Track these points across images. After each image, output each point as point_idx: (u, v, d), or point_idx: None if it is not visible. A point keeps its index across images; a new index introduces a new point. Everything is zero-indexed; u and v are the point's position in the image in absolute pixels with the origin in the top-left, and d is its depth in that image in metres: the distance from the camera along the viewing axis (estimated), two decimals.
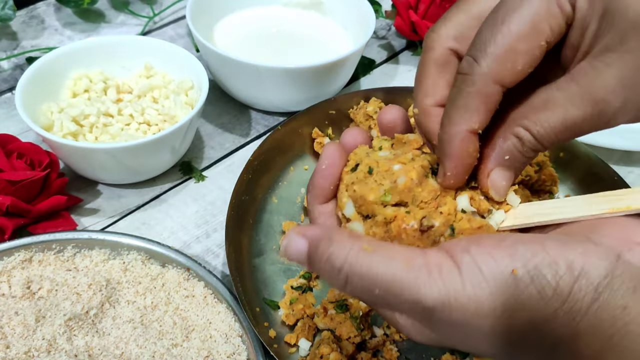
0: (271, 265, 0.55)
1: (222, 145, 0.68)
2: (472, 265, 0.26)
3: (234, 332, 0.47)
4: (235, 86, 0.68)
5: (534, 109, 0.30)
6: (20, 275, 0.48)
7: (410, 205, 0.30)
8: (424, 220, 0.30)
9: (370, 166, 0.32)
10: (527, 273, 0.25)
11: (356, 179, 0.31)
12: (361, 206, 0.31)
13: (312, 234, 0.29)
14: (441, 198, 0.31)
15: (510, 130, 0.30)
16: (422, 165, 0.31)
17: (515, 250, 0.26)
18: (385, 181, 0.31)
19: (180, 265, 0.50)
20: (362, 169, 0.32)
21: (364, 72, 0.79)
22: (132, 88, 0.65)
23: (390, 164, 0.31)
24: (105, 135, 0.58)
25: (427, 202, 0.30)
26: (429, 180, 0.31)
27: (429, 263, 0.27)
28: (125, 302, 0.48)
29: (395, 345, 0.50)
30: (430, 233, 0.30)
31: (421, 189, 0.30)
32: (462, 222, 0.30)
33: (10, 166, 0.53)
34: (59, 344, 0.44)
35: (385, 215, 0.30)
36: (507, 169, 0.31)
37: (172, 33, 0.83)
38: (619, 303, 0.25)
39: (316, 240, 0.28)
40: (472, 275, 0.26)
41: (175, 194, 0.62)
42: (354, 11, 0.74)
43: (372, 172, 0.31)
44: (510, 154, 0.31)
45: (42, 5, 0.83)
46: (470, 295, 0.26)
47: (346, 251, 0.27)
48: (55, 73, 0.62)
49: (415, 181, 0.30)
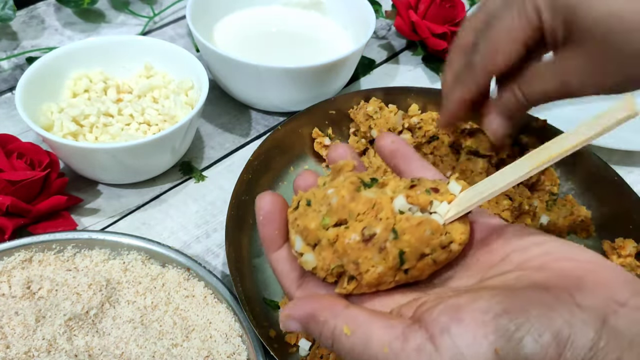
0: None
1: (222, 145, 0.68)
2: (453, 349, 0.26)
3: (234, 332, 0.47)
4: (235, 86, 0.68)
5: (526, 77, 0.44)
6: (20, 275, 0.48)
7: (350, 221, 0.31)
8: (364, 231, 0.30)
9: (307, 199, 0.33)
10: (511, 350, 0.25)
11: (298, 214, 0.33)
12: (307, 237, 0.32)
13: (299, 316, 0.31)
14: (378, 206, 0.31)
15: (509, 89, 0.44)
16: (352, 182, 0.32)
17: (497, 325, 0.25)
18: (322, 207, 0.32)
19: (180, 265, 0.50)
20: (302, 204, 0.33)
21: (364, 72, 0.79)
22: (132, 88, 0.65)
23: (325, 191, 0.32)
24: (105, 135, 0.58)
25: (365, 213, 0.31)
26: (361, 193, 0.32)
27: (407, 348, 0.27)
28: (125, 302, 0.48)
29: None
30: (374, 241, 0.30)
31: (355, 203, 0.31)
32: (402, 222, 0.30)
33: (10, 166, 0.53)
34: (59, 344, 0.44)
35: (328, 237, 0.31)
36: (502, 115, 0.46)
37: (172, 33, 0.83)
38: None
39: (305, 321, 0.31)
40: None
41: (175, 194, 0.62)
42: (354, 11, 0.74)
43: (310, 203, 0.32)
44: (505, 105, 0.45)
45: (42, 5, 0.83)
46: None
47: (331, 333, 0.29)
48: (55, 73, 0.62)
49: (347, 197, 0.31)
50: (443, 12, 0.77)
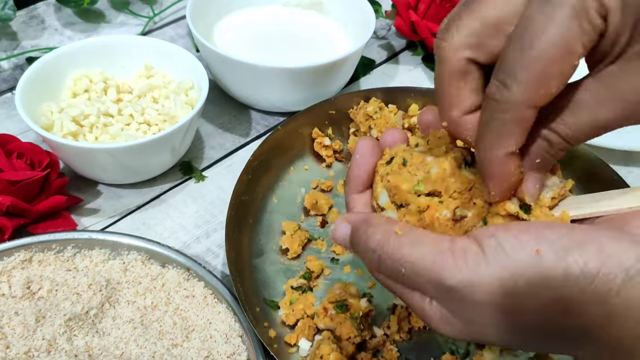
0: (271, 265, 0.55)
1: (222, 145, 0.68)
2: (496, 248, 0.27)
3: (234, 332, 0.47)
4: (235, 86, 0.68)
5: (562, 111, 0.30)
6: (20, 275, 0.48)
7: (444, 196, 0.31)
8: (457, 210, 0.30)
9: (404, 158, 0.33)
10: (552, 253, 0.26)
11: (390, 170, 0.33)
12: (395, 195, 0.32)
13: (354, 219, 0.32)
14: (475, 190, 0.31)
15: (538, 133, 0.30)
16: (455, 157, 0.32)
17: (541, 234, 0.27)
18: (418, 172, 0.32)
19: (180, 265, 0.50)
20: (396, 161, 0.33)
21: (364, 72, 0.79)
22: (132, 88, 0.65)
23: (424, 156, 0.32)
24: (105, 135, 0.58)
25: (461, 193, 0.31)
26: (462, 171, 0.32)
27: (455, 247, 0.28)
28: (125, 302, 0.48)
29: (395, 345, 0.50)
30: (462, 223, 0.30)
31: (454, 179, 0.31)
32: (495, 217, 0.31)
33: (10, 166, 0.53)
34: (59, 344, 0.44)
35: (419, 204, 0.31)
36: (538, 171, 0.32)
37: (172, 33, 0.83)
38: None
39: (357, 224, 0.31)
40: (496, 257, 0.27)
41: (175, 194, 0.62)
42: (354, 11, 0.74)
43: (406, 163, 0.32)
44: (540, 157, 0.31)
45: (42, 5, 0.83)
46: (493, 275, 0.26)
47: (380, 235, 0.30)
48: (55, 73, 0.62)
49: (448, 171, 0.31)
50: (443, 12, 0.77)
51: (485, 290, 0.27)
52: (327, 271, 0.55)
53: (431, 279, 0.28)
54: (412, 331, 0.51)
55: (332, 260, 0.56)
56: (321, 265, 0.54)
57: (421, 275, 0.28)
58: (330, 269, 0.55)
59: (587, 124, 0.29)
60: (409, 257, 0.29)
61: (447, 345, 0.50)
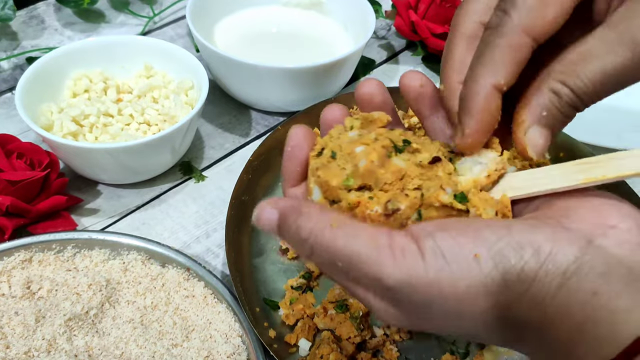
0: (271, 265, 0.55)
1: (222, 145, 0.68)
2: (435, 250, 0.26)
3: (234, 332, 0.47)
4: (235, 86, 0.68)
5: (570, 62, 0.28)
6: (20, 275, 0.48)
7: (374, 189, 0.30)
8: (388, 204, 0.29)
9: (333, 150, 0.31)
10: (490, 258, 0.25)
11: (320, 164, 0.31)
12: (326, 191, 0.30)
13: (283, 205, 0.29)
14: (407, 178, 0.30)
15: (546, 85, 0.29)
16: (384, 145, 0.30)
17: (479, 235, 0.26)
18: (347, 165, 0.30)
19: (180, 265, 0.50)
20: (326, 153, 0.31)
21: (364, 72, 0.79)
22: (132, 88, 0.65)
23: (353, 147, 0.31)
24: (105, 135, 0.58)
25: (392, 184, 0.30)
26: (392, 160, 0.30)
27: (393, 244, 0.27)
28: (125, 302, 0.48)
29: (395, 345, 0.50)
30: (396, 216, 0.29)
31: (384, 170, 0.30)
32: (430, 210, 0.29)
33: (10, 166, 0.53)
34: (59, 344, 0.44)
35: (349, 201, 0.30)
36: (545, 126, 0.29)
37: (172, 33, 0.83)
38: (588, 288, 0.24)
39: (286, 211, 0.29)
40: (435, 260, 0.26)
41: (175, 194, 0.62)
42: (354, 11, 0.74)
43: (335, 156, 0.31)
44: (547, 110, 0.29)
45: (42, 5, 0.83)
46: (431, 279, 0.26)
47: (312, 224, 0.28)
48: (55, 73, 0.62)
49: (376, 163, 0.30)
50: (443, 12, 0.77)
51: (424, 291, 0.26)
52: None
53: (369, 276, 0.27)
54: (412, 331, 0.51)
55: None
56: None
57: (359, 270, 0.27)
58: None
59: (597, 72, 0.28)
60: (345, 251, 0.27)
61: (447, 345, 0.50)
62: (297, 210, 0.29)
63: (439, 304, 0.26)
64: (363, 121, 0.33)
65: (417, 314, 0.28)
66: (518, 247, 0.25)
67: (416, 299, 0.26)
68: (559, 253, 0.25)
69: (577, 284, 0.24)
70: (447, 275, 0.26)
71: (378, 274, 0.26)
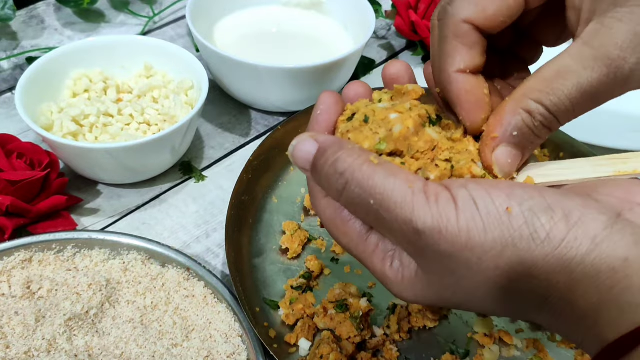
0: (271, 265, 0.55)
1: (222, 145, 0.68)
2: (467, 199, 0.26)
3: (234, 332, 0.47)
4: (235, 86, 0.68)
5: (546, 79, 0.29)
6: (20, 275, 0.48)
7: (406, 156, 0.30)
8: (418, 172, 0.29)
9: (366, 115, 0.31)
10: (521, 213, 0.25)
11: (352, 127, 0.31)
12: None
13: (324, 139, 0.29)
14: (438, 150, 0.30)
15: (520, 104, 0.29)
16: (420, 115, 0.30)
17: (512, 191, 0.26)
18: (380, 129, 0.30)
19: (180, 265, 0.50)
20: (358, 118, 0.31)
21: (364, 72, 0.79)
22: (132, 88, 0.65)
23: (387, 113, 0.31)
24: (105, 135, 0.58)
25: (424, 153, 0.30)
26: (426, 130, 0.30)
27: (428, 190, 0.27)
28: (125, 302, 0.48)
29: (395, 345, 0.50)
30: None
31: (417, 138, 0.30)
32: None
33: (10, 166, 0.53)
34: (59, 344, 0.44)
35: None
36: (515, 146, 0.30)
37: (172, 33, 0.83)
38: (619, 255, 0.24)
39: (326, 145, 0.29)
40: (467, 208, 0.26)
41: (175, 194, 0.62)
42: (354, 11, 0.74)
43: (367, 120, 0.31)
44: (518, 130, 0.29)
45: (42, 5, 0.83)
46: (462, 227, 0.26)
47: (352, 159, 0.28)
48: (55, 73, 0.62)
49: (411, 130, 0.30)
50: None
51: (452, 240, 0.26)
52: (327, 271, 0.55)
53: (399, 217, 0.27)
54: (412, 331, 0.51)
55: (332, 260, 0.56)
56: (321, 265, 0.54)
57: (390, 210, 0.27)
58: (330, 268, 0.55)
59: (573, 89, 0.28)
60: (381, 188, 0.27)
61: (447, 345, 0.50)
62: (339, 144, 0.29)
63: (465, 257, 0.26)
64: (395, 94, 0.33)
65: (439, 270, 0.27)
66: (549, 208, 0.25)
67: (443, 249, 0.26)
68: (588, 220, 0.25)
69: (608, 250, 0.24)
70: (477, 224, 0.26)
71: (409, 215, 0.26)
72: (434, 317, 0.51)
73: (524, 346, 0.50)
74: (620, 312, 0.24)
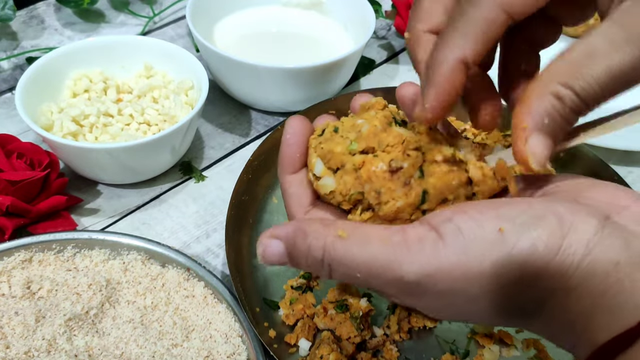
0: (271, 265, 0.54)
1: (222, 145, 0.68)
2: (455, 232, 0.26)
3: (234, 332, 0.47)
4: (235, 86, 0.68)
5: (574, 62, 0.26)
6: (20, 275, 0.48)
7: (377, 150, 0.31)
8: (392, 162, 0.30)
9: (335, 126, 0.33)
10: (514, 230, 0.25)
11: (323, 139, 0.32)
12: (330, 160, 0.31)
13: (286, 233, 0.28)
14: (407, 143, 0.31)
15: (547, 89, 0.27)
16: (385, 115, 0.32)
17: (499, 213, 0.26)
18: (350, 134, 0.32)
19: (180, 265, 0.50)
20: (328, 130, 0.33)
21: (364, 72, 0.79)
22: (132, 88, 0.65)
23: (354, 120, 0.33)
24: (105, 135, 0.58)
25: (394, 146, 0.30)
26: (393, 128, 0.31)
27: (408, 239, 0.26)
28: (125, 302, 0.48)
29: (395, 345, 0.50)
30: (399, 174, 0.30)
31: (386, 134, 0.31)
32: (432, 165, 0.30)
33: (10, 166, 0.53)
34: (59, 344, 0.44)
35: (354, 162, 0.30)
36: (547, 134, 0.27)
37: (172, 33, 0.83)
38: (611, 258, 0.24)
39: (291, 237, 0.28)
40: (456, 242, 0.26)
41: (175, 194, 0.62)
42: (354, 11, 0.74)
43: (337, 130, 0.32)
44: (549, 117, 0.27)
45: (42, 5, 0.83)
46: (454, 262, 0.25)
47: (322, 241, 0.27)
48: (55, 73, 0.62)
49: (379, 127, 0.31)
50: None
51: (447, 278, 0.26)
52: None
53: (389, 279, 0.26)
54: (412, 331, 0.51)
55: None
56: None
57: (378, 276, 0.27)
58: None
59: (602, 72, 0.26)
60: (361, 260, 0.26)
61: (447, 345, 0.50)
62: (302, 232, 0.28)
63: (465, 286, 0.26)
64: (361, 110, 0.35)
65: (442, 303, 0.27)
66: (542, 217, 0.25)
67: (441, 288, 0.26)
68: (580, 224, 0.25)
69: (600, 254, 0.24)
70: (469, 255, 0.25)
71: (399, 273, 0.26)
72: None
73: (524, 346, 0.50)
74: (611, 316, 0.24)
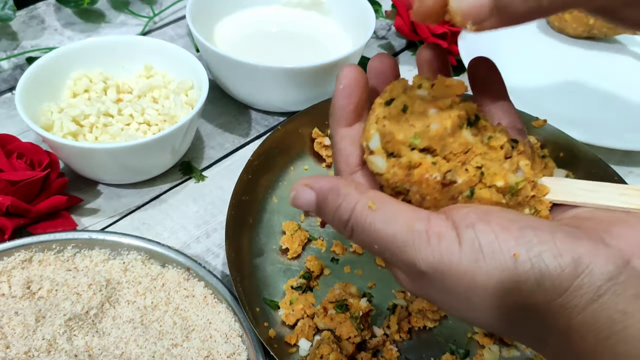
0: (271, 265, 0.55)
1: (222, 145, 0.68)
2: (473, 242, 0.26)
3: (234, 332, 0.47)
4: (235, 86, 0.68)
5: None
6: (20, 275, 0.48)
7: (438, 155, 0.30)
8: (447, 174, 0.29)
9: (405, 104, 0.31)
10: (528, 259, 0.25)
11: (388, 114, 0.31)
12: (388, 142, 0.30)
13: (320, 187, 0.30)
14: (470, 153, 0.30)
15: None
16: (459, 115, 0.30)
17: (521, 235, 0.26)
18: (418, 123, 0.30)
19: (180, 265, 0.50)
20: (396, 105, 0.31)
21: None
22: (132, 88, 0.65)
23: (427, 107, 0.30)
24: (105, 135, 0.58)
25: (456, 155, 0.30)
26: (462, 132, 0.30)
27: (430, 230, 0.27)
28: (125, 302, 0.48)
29: (395, 345, 0.50)
30: (451, 188, 0.29)
31: (453, 139, 0.30)
32: (483, 190, 0.29)
33: (10, 166, 0.53)
34: (59, 344, 0.44)
35: (411, 159, 0.29)
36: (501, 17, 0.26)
37: (172, 33, 0.83)
38: (619, 307, 0.24)
39: (324, 192, 0.29)
40: (471, 251, 0.26)
41: (175, 194, 0.62)
42: (354, 11, 0.74)
43: (406, 110, 0.31)
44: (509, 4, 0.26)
45: (42, 5, 0.83)
46: (464, 268, 0.26)
47: (352, 205, 0.28)
48: (55, 73, 0.62)
49: (448, 130, 0.30)
50: None
51: (454, 280, 0.26)
52: (327, 271, 0.55)
53: (403, 260, 0.28)
54: (412, 331, 0.51)
55: (332, 260, 0.56)
56: (321, 265, 0.54)
57: (393, 254, 0.28)
58: (330, 269, 0.55)
59: None
60: (382, 234, 0.28)
61: (447, 345, 0.50)
62: (335, 191, 0.29)
63: (469, 294, 0.27)
64: (437, 84, 0.32)
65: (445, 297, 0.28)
66: (558, 254, 0.25)
67: (448, 285, 0.27)
68: (596, 269, 0.25)
69: (609, 301, 0.24)
70: (480, 268, 0.26)
71: (412, 258, 0.27)
72: (434, 317, 0.51)
73: (524, 346, 0.50)
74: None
